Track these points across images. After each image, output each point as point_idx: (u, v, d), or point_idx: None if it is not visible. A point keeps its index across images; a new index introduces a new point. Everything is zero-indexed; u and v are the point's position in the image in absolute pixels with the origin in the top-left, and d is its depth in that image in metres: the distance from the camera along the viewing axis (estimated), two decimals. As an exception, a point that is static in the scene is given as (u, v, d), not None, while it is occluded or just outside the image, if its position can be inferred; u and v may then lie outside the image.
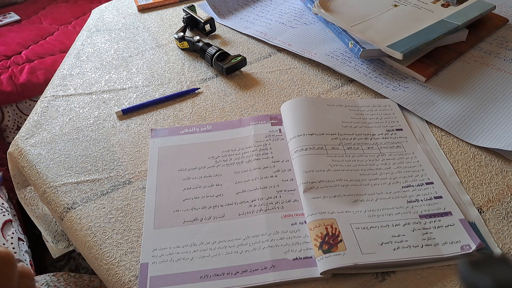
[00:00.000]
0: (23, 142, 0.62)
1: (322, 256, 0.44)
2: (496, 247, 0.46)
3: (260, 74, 0.73)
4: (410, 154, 0.56)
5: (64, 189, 0.55)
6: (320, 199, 0.49)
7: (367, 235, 0.46)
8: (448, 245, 0.45)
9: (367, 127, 0.60)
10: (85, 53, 0.80)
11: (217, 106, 0.66)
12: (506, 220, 0.48)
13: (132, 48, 0.81)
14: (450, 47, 0.73)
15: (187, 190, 0.53)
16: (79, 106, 0.68)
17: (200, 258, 0.46)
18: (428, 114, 0.62)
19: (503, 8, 0.84)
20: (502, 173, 0.54)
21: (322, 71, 0.72)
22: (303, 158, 0.54)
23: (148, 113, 0.66)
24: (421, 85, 0.67)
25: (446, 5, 0.77)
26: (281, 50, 0.78)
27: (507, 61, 0.71)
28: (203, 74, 0.73)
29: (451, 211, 0.48)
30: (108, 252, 0.47)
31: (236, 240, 0.47)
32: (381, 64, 0.72)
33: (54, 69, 0.88)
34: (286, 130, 0.60)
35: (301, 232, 0.47)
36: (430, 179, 0.52)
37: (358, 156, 0.55)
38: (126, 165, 0.57)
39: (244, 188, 0.53)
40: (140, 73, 0.74)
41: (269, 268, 0.44)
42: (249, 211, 0.50)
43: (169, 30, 0.85)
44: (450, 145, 0.58)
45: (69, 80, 0.73)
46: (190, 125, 0.63)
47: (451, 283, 0.43)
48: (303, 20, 0.84)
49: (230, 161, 0.56)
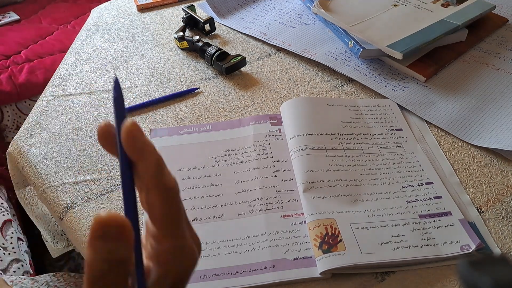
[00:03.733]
0: (22, 142, 0.62)
1: (321, 256, 0.44)
2: (495, 247, 0.46)
3: (259, 74, 0.73)
4: (409, 154, 0.56)
5: (64, 189, 0.55)
6: (320, 199, 0.49)
7: (367, 235, 0.46)
8: (448, 245, 0.45)
9: (366, 127, 0.60)
10: (85, 52, 0.80)
11: (217, 106, 0.66)
12: (505, 220, 0.48)
13: (131, 47, 0.81)
14: (450, 47, 0.73)
15: (186, 190, 0.53)
16: (79, 105, 0.68)
17: (200, 258, 0.46)
18: (428, 114, 0.62)
19: (503, 8, 0.84)
20: (502, 173, 0.54)
21: (321, 71, 0.72)
22: (302, 158, 0.54)
23: (147, 113, 0.66)
24: (421, 85, 0.67)
25: (446, 5, 0.77)
26: (281, 50, 0.78)
27: (507, 61, 0.71)
28: (202, 74, 0.73)
29: (450, 211, 0.48)
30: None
31: (235, 240, 0.47)
32: (381, 64, 0.72)
33: (53, 68, 0.88)
34: (286, 130, 0.60)
35: (300, 232, 0.47)
36: (430, 179, 0.52)
37: (358, 156, 0.55)
38: (125, 165, 0.57)
39: (244, 188, 0.53)
40: (139, 72, 0.74)
41: (269, 268, 0.44)
42: (249, 211, 0.50)
43: (169, 30, 0.85)
44: (450, 145, 0.58)
45: (69, 80, 0.73)
46: (189, 125, 0.63)
47: (450, 283, 0.43)
48: (303, 20, 0.84)
49: (229, 161, 0.56)
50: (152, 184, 0.24)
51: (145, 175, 0.24)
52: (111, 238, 0.22)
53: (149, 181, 0.24)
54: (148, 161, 0.24)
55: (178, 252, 0.26)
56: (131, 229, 0.22)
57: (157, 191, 0.24)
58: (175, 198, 0.25)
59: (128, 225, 0.22)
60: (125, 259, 0.23)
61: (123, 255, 0.22)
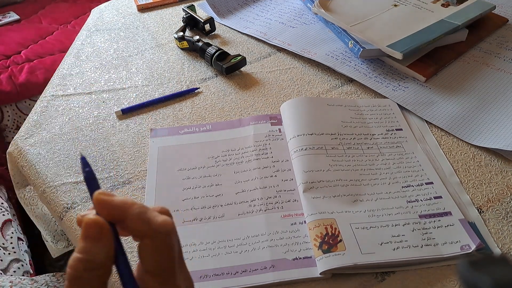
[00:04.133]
0: (22, 142, 0.62)
1: (321, 256, 0.44)
2: (495, 247, 0.46)
3: (259, 74, 0.73)
4: (410, 154, 0.56)
5: (64, 188, 0.55)
6: (320, 199, 0.49)
7: (367, 235, 0.46)
8: (448, 245, 0.45)
9: (366, 127, 0.60)
10: (85, 52, 0.80)
11: (217, 106, 0.66)
12: (505, 220, 0.48)
13: (131, 47, 0.81)
14: (450, 47, 0.73)
15: (186, 190, 0.53)
16: (79, 105, 0.68)
17: (200, 258, 0.46)
18: (428, 114, 0.62)
19: (503, 8, 0.84)
20: (502, 173, 0.54)
21: (322, 71, 0.72)
22: (302, 158, 0.54)
23: (147, 113, 0.66)
24: (421, 85, 0.67)
25: (446, 5, 0.77)
26: (281, 50, 0.78)
27: (507, 61, 0.71)
28: (202, 73, 0.73)
29: (450, 211, 0.48)
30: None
31: (235, 240, 0.47)
32: (381, 64, 0.72)
33: (53, 68, 0.88)
34: (286, 130, 0.60)
35: (300, 232, 0.47)
36: (430, 179, 0.52)
37: (358, 156, 0.55)
38: (125, 164, 0.57)
39: (244, 188, 0.53)
40: (139, 72, 0.74)
41: (269, 268, 0.44)
42: (249, 211, 0.50)
43: (169, 30, 0.85)
44: (450, 145, 0.58)
45: (69, 80, 0.73)
46: (189, 125, 0.63)
47: (450, 283, 0.43)
48: (303, 19, 0.84)
49: (229, 161, 0.56)
50: (142, 234, 0.25)
51: (133, 230, 0.25)
52: (89, 238, 0.24)
53: (138, 233, 0.25)
54: (129, 218, 0.25)
55: None
56: (109, 232, 0.24)
57: (148, 239, 0.25)
58: (166, 242, 0.25)
59: (107, 228, 0.24)
60: (101, 263, 0.24)
61: (99, 258, 0.24)
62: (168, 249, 0.25)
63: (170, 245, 0.25)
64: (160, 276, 0.25)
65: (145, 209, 0.25)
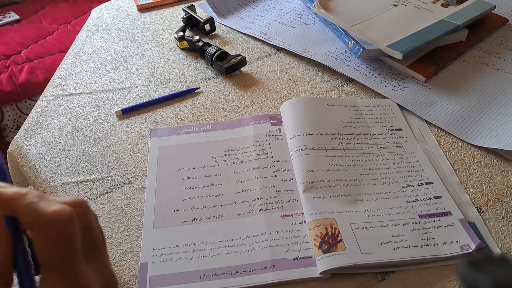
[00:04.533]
0: (22, 142, 0.62)
1: (321, 256, 0.44)
2: (495, 247, 0.46)
3: (259, 74, 0.73)
4: (409, 154, 0.56)
5: (64, 188, 0.55)
6: (320, 199, 0.49)
7: (367, 235, 0.46)
8: (448, 245, 0.45)
9: (366, 127, 0.60)
10: (85, 52, 0.80)
11: (217, 106, 0.66)
12: (505, 220, 0.48)
13: (131, 47, 0.81)
14: (450, 47, 0.73)
15: (186, 189, 0.53)
16: (79, 105, 0.68)
17: (200, 257, 0.46)
18: (428, 114, 0.62)
19: (503, 8, 0.84)
20: (502, 173, 0.54)
21: (321, 71, 0.72)
22: (302, 158, 0.54)
23: (147, 113, 0.66)
24: (421, 85, 0.67)
25: (446, 5, 0.77)
26: (281, 50, 0.78)
27: (507, 61, 0.71)
28: (202, 73, 0.73)
29: (450, 211, 0.48)
30: (108, 252, 0.47)
31: (235, 240, 0.47)
32: (381, 64, 0.72)
33: (53, 68, 0.88)
34: (286, 130, 0.60)
35: (300, 232, 0.47)
36: (430, 179, 0.52)
37: (358, 156, 0.55)
38: (125, 164, 0.57)
39: (244, 188, 0.53)
40: (139, 72, 0.74)
41: (269, 268, 0.44)
42: (249, 211, 0.50)
43: (169, 30, 0.85)
44: (450, 145, 0.58)
45: (69, 80, 0.73)
46: (189, 124, 0.63)
47: (450, 283, 0.43)
48: (303, 19, 0.84)
49: (229, 160, 0.56)
50: (30, 225, 0.23)
51: (23, 223, 0.23)
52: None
53: (27, 225, 0.23)
54: (19, 209, 0.23)
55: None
56: (3, 229, 0.23)
57: (37, 231, 0.23)
58: (62, 232, 0.23)
59: (3, 228, 0.23)
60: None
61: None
62: (64, 239, 0.23)
63: (66, 235, 0.23)
64: (57, 270, 0.24)
65: (38, 199, 0.23)
